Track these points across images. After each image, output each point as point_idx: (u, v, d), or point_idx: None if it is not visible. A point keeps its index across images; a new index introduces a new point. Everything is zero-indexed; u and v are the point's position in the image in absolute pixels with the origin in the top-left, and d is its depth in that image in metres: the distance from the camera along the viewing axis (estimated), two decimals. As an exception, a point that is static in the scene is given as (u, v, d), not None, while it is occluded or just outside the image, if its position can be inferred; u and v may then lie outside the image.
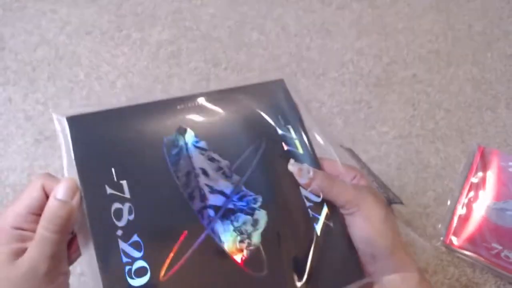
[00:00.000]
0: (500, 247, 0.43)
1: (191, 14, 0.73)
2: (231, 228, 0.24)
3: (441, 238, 0.45)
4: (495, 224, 0.44)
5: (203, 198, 0.24)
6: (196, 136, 0.26)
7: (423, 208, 0.48)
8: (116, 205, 0.23)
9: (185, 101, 0.27)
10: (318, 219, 0.25)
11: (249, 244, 0.24)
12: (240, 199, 0.25)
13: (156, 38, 0.69)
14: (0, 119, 0.59)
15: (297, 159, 0.27)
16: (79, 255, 0.23)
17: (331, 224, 0.26)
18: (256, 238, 0.24)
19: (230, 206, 0.24)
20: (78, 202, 0.22)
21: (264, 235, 0.24)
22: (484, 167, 0.49)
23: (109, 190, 0.23)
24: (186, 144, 0.25)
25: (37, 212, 0.22)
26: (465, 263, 0.44)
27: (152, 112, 0.25)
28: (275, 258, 0.24)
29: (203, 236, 0.23)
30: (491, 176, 0.48)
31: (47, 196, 0.22)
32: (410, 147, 0.53)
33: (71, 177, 0.23)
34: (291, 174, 0.26)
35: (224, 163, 0.25)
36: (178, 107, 0.26)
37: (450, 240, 0.44)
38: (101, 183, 0.23)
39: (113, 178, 0.23)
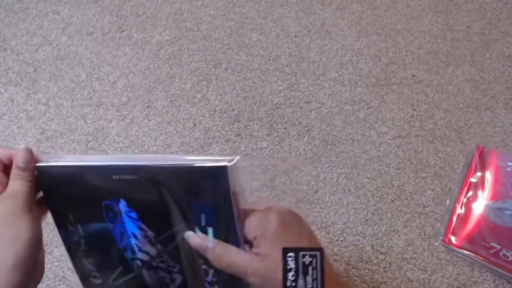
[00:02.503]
0: (498, 246, 0.43)
1: (191, 15, 0.74)
2: (154, 277, 0.30)
3: (440, 238, 0.45)
4: (493, 223, 0.44)
5: (133, 251, 0.29)
6: (128, 206, 0.28)
7: (422, 207, 0.48)
8: (76, 238, 0.30)
9: (121, 173, 0.28)
10: None
11: None
12: (162, 262, 0.29)
13: (157, 39, 0.69)
14: (2, 119, 0.59)
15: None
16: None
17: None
18: None
19: (153, 263, 0.29)
20: (31, 167, 0.28)
21: None
22: (483, 167, 0.49)
23: (70, 227, 0.30)
24: (120, 211, 0.29)
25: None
26: (464, 262, 0.44)
27: (96, 175, 0.28)
28: None
29: (131, 276, 0.30)
30: (489, 176, 0.48)
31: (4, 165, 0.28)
32: (409, 147, 0.54)
33: (27, 147, 0.28)
34: (199, 269, 0.28)
35: (150, 233, 0.29)
36: (114, 177, 0.28)
37: (449, 240, 0.44)
38: (64, 223, 0.30)
39: (71, 221, 0.29)
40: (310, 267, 0.25)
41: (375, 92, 0.60)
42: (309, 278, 0.25)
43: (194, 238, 0.27)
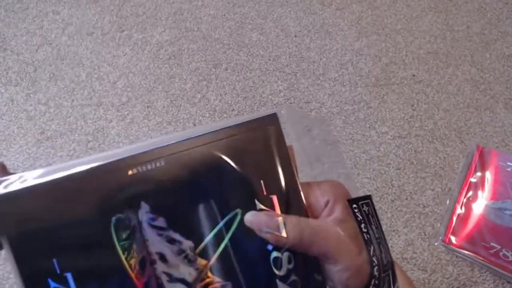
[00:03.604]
0: (498, 246, 0.43)
1: (192, 15, 0.74)
2: None
3: (440, 238, 0.45)
4: (493, 223, 0.44)
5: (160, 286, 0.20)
6: (151, 211, 0.20)
7: (422, 207, 0.48)
8: None
9: (139, 163, 0.20)
10: None
11: None
12: (205, 285, 0.20)
13: (157, 39, 0.69)
14: (2, 119, 0.59)
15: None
16: None
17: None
18: None
19: None
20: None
21: None
22: (483, 167, 0.49)
23: (52, 285, 0.19)
24: (140, 223, 0.20)
25: None
26: (464, 262, 0.44)
27: (95, 182, 0.20)
28: None
29: None
30: (489, 175, 0.48)
31: None
32: (409, 147, 0.54)
33: None
34: (265, 266, 0.20)
35: (186, 244, 0.20)
36: (130, 172, 0.20)
37: (449, 239, 0.44)
38: (42, 276, 0.19)
39: (56, 270, 0.19)
40: (370, 216, 0.22)
41: (375, 92, 0.60)
42: (373, 227, 0.22)
43: (258, 216, 0.20)
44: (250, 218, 0.20)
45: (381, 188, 0.50)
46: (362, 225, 0.21)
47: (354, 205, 0.22)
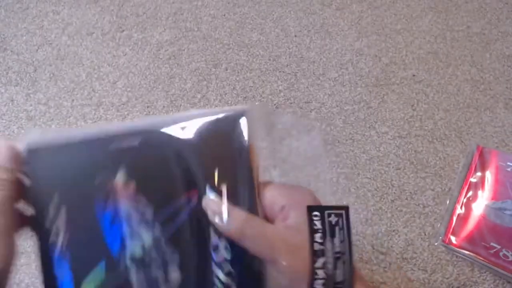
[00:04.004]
0: (498, 246, 0.43)
1: (192, 15, 0.74)
2: (142, 277, 0.23)
3: (440, 238, 0.45)
4: (493, 223, 0.44)
5: (123, 244, 0.24)
6: (127, 175, 0.24)
7: (422, 207, 0.48)
8: (53, 238, 0.24)
9: (120, 141, 0.25)
10: None
11: None
12: (157, 252, 0.23)
13: (157, 39, 0.69)
14: (2, 119, 0.59)
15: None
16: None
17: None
18: None
19: (146, 258, 0.23)
20: (19, 166, 0.24)
21: None
22: (483, 167, 0.49)
23: (50, 214, 0.24)
24: (115, 182, 0.24)
25: None
26: (464, 262, 0.44)
27: (91, 148, 0.25)
28: None
29: (115, 274, 0.23)
30: (489, 176, 0.48)
31: None
32: (409, 147, 0.54)
33: (11, 144, 0.24)
34: (205, 249, 0.23)
35: (148, 211, 0.24)
36: (111, 146, 0.25)
37: (449, 240, 0.44)
38: (44, 204, 0.24)
39: (52, 200, 0.24)
40: (337, 228, 0.22)
41: (375, 92, 0.60)
42: (336, 240, 0.22)
43: (208, 201, 0.22)
44: (203, 201, 0.23)
45: (381, 188, 0.50)
46: (317, 235, 0.22)
47: (315, 213, 0.22)
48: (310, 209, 0.22)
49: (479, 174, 0.49)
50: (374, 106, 0.58)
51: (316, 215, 0.22)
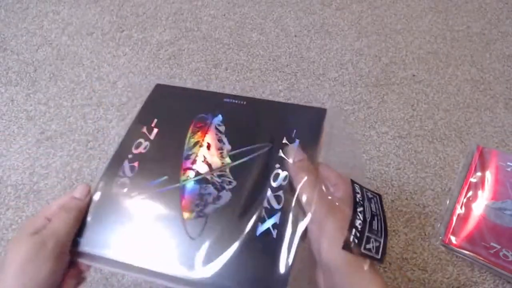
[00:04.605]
0: (498, 246, 0.43)
1: (192, 15, 0.74)
2: (197, 191, 0.29)
3: (440, 238, 0.45)
4: (493, 223, 0.44)
5: (193, 162, 0.30)
6: (222, 121, 0.32)
7: (422, 207, 0.48)
8: (141, 140, 0.32)
9: (231, 98, 0.34)
10: (265, 221, 0.26)
11: (200, 211, 0.28)
12: (219, 176, 0.29)
13: (157, 39, 0.69)
14: (2, 119, 0.59)
15: (286, 166, 0.29)
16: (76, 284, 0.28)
17: (274, 233, 0.26)
18: (208, 210, 0.28)
19: (208, 176, 0.30)
20: (87, 200, 0.29)
21: (216, 211, 0.28)
22: (483, 167, 0.49)
23: (143, 129, 0.33)
24: (211, 123, 0.32)
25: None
26: (464, 262, 0.44)
27: (208, 95, 0.35)
28: (213, 232, 0.27)
29: (173, 186, 0.29)
30: (489, 175, 0.48)
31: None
32: (409, 147, 0.54)
33: (87, 183, 0.31)
34: (266, 177, 0.29)
35: (226, 147, 0.31)
36: (225, 100, 0.34)
37: (449, 240, 0.44)
38: (142, 123, 0.33)
39: (152, 123, 0.33)
40: (372, 200, 0.28)
41: (375, 92, 0.60)
42: (372, 205, 0.27)
43: (292, 146, 0.28)
44: (286, 150, 0.29)
45: (381, 188, 0.50)
46: (358, 195, 0.27)
47: (356, 185, 0.28)
48: (352, 181, 0.28)
49: (479, 174, 0.49)
50: (374, 106, 0.58)
51: (357, 186, 0.28)
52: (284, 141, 0.30)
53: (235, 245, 0.25)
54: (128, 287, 0.43)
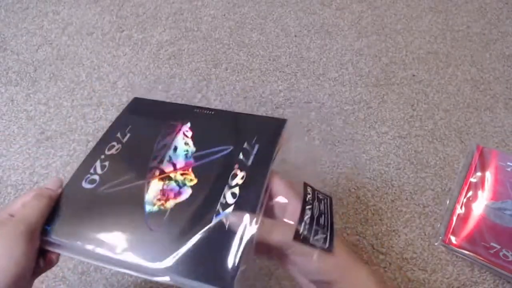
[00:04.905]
0: (498, 246, 0.43)
1: (192, 15, 0.74)
2: (160, 188, 0.31)
3: (440, 238, 0.45)
4: (493, 223, 0.44)
5: (161, 161, 0.33)
6: (190, 127, 0.36)
7: (422, 207, 0.48)
8: (114, 143, 0.35)
9: (201, 109, 0.38)
10: (219, 214, 0.29)
11: (161, 205, 0.30)
12: (182, 175, 0.32)
13: (157, 39, 0.69)
14: (2, 119, 0.59)
15: (244, 167, 0.32)
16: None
17: (226, 224, 0.28)
18: (169, 204, 0.30)
19: (171, 174, 0.32)
20: (59, 192, 0.31)
21: (176, 206, 0.30)
22: (483, 167, 0.49)
23: (117, 134, 0.36)
24: (179, 130, 0.36)
25: None
26: (464, 262, 0.44)
27: (180, 107, 0.39)
28: (172, 224, 0.29)
29: (138, 183, 0.32)
30: (489, 175, 0.48)
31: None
32: (409, 147, 0.54)
33: (60, 177, 0.33)
34: (224, 177, 0.31)
35: (191, 149, 0.34)
36: (195, 110, 0.38)
37: (449, 239, 0.44)
38: (117, 129, 0.36)
39: (125, 129, 0.36)
40: (322, 201, 0.31)
41: (375, 92, 0.60)
42: (321, 205, 0.30)
43: (232, 216, 0.29)
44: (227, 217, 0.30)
45: (381, 188, 0.50)
46: (309, 196, 0.30)
47: (309, 187, 0.31)
48: (306, 184, 0.31)
49: (479, 174, 0.49)
50: (374, 106, 0.58)
51: (310, 188, 0.31)
52: (245, 145, 0.33)
53: (192, 236, 0.27)
54: (128, 287, 0.43)
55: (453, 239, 0.45)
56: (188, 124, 0.36)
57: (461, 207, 0.47)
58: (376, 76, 0.62)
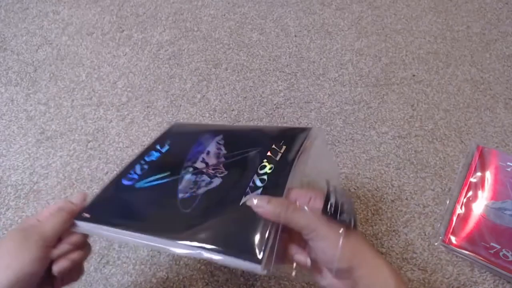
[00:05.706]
0: (498, 247, 0.43)
1: (192, 15, 0.74)
2: (193, 179, 0.34)
3: (440, 238, 0.45)
4: (493, 223, 0.44)
5: (194, 161, 0.36)
6: (222, 138, 0.39)
7: (422, 207, 0.48)
8: (153, 151, 0.39)
9: (228, 127, 0.43)
10: (248, 195, 0.30)
11: (194, 192, 0.33)
12: (213, 169, 0.35)
13: (157, 39, 0.69)
14: (2, 119, 0.59)
15: (272, 161, 0.34)
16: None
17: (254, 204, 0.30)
18: (201, 191, 0.33)
19: (204, 170, 0.35)
20: (81, 205, 0.33)
21: (207, 192, 0.32)
22: (483, 167, 0.49)
23: (157, 146, 0.40)
24: (213, 139, 0.39)
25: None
26: (464, 262, 0.44)
27: (213, 128, 0.43)
28: (202, 206, 0.31)
29: (173, 178, 0.34)
30: (489, 176, 0.48)
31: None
32: (409, 147, 0.54)
33: (85, 192, 0.35)
34: (254, 167, 0.33)
35: (223, 152, 0.37)
36: (227, 128, 0.43)
37: (449, 239, 0.44)
38: (157, 143, 0.41)
39: (165, 143, 0.40)
40: (345, 196, 0.31)
41: (375, 92, 0.60)
42: (344, 198, 0.31)
43: (250, 201, 0.29)
44: (249, 202, 0.30)
45: (381, 188, 0.50)
46: (331, 194, 0.31)
47: (331, 185, 0.32)
48: (328, 182, 0.32)
49: (479, 174, 0.49)
50: (374, 106, 0.58)
51: (332, 186, 0.32)
52: (273, 146, 0.35)
53: (221, 213, 0.29)
54: (128, 287, 0.43)
55: (453, 239, 0.45)
56: (221, 136, 0.39)
57: (461, 207, 0.47)
58: (376, 76, 0.62)
